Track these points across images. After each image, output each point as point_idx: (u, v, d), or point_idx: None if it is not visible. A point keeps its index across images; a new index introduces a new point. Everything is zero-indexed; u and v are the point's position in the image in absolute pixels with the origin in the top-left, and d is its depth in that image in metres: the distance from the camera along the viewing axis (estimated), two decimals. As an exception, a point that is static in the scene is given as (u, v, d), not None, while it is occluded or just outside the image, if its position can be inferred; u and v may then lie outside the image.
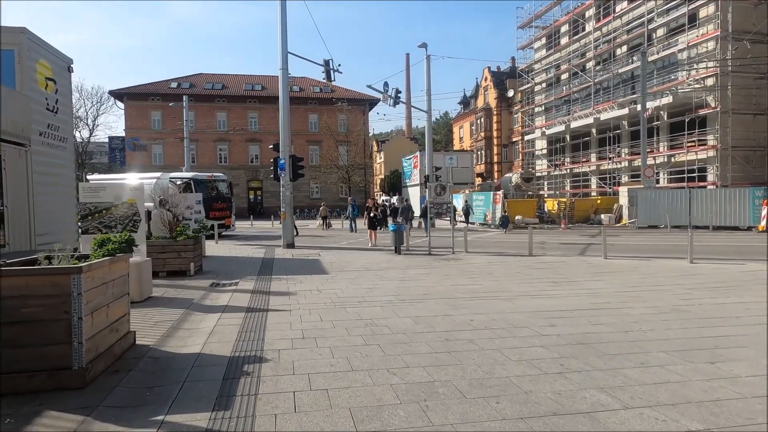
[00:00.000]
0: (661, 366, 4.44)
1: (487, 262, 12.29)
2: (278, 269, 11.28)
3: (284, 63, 16.01)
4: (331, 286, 8.85)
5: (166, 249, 9.95)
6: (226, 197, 22.68)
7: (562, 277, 9.68)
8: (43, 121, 8.33)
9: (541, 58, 43.68)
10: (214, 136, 49.55)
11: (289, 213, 16.26)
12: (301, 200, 48.82)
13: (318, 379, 4.13)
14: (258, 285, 9.06)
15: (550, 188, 42.80)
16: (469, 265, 11.70)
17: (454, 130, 68.22)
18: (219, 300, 7.71)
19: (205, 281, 9.51)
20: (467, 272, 10.55)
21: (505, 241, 18.55)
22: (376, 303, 7.37)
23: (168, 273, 9.91)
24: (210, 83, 51.52)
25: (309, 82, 53.82)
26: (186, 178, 21.55)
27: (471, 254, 13.87)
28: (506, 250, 15.02)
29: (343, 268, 11.29)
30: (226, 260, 13.27)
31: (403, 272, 10.59)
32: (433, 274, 10.25)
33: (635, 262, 11.85)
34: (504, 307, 6.99)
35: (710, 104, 27.16)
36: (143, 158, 45.47)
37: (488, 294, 8.05)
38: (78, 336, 3.84)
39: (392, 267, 11.48)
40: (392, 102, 23.50)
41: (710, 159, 27.54)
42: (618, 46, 34.06)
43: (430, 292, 8.29)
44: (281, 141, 16.11)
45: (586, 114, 36.16)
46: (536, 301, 7.41)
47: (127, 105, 48.36)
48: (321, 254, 14.36)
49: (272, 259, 13.47)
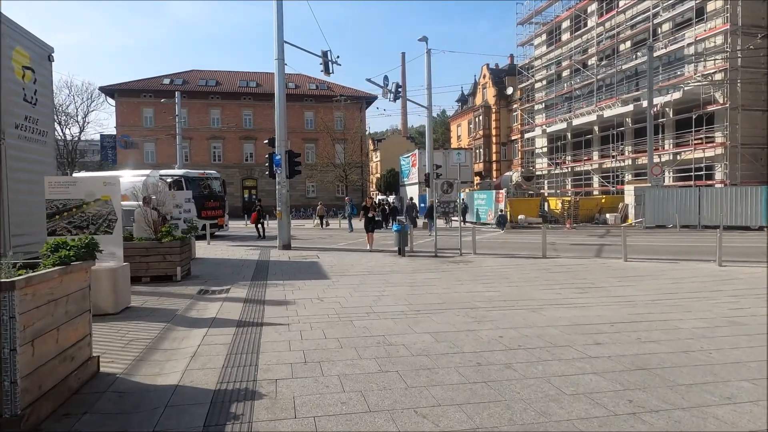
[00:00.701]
0: (754, 402, 3.56)
1: (500, 264, 11.40)
2: (274, 273, 10.34)
3: (280, 53, 15.06)
4: (333, 294, 7.92)
5: (150, 252, 9.00)
6: (219, 196, 21.70)
7: (586, 283, 8.81)
8: (20, 112, 7.38)
9: (541, 54, 42.87)
10: (208, 134, 48.44)
11: (285, 212, 15.31)
12: (297, 199, 47.82)
13: (328, 425, 3.21)
14: (251, 292, 8.13)
15: (551, 187, 42.04)
16: (481, 268, 10.81)
17: (451, 129, 67.37)
18: (207, 311, 6.77)
19: (192, 287, 8.56)
20: (481, 276, 9.66)
21: (511, 241, 17.69)
22: (387, 314, 6.46)
23: (152, 278, 8.96)
24: (204, 80, 50.40)
25: (305, 79, 52.84)
26: (177, 176, 20.55)
27: (480, 256, 12.99)
28: (516, 251, 14.15)
29: (345, 272, 10.37)
30: (217, 263, 12.31)
31: (411, 277, 9.68)
32: (444, 279, 9.35)
33: (659, 265, 11.00)
34: (534, 320, 6.10)
35: (718, 100, 26.43)
36: (135, 156, 44.28)
37: (511, 303, 7.16)
38: (10, 374, 2.91)
39: (398, 270, 10.57)
40: (392, 97, 22.60)
41: (718, 157, 26.80)
42: (621, 42, 33.29)
43: (444, 300, 7.38)
44: (277, 136, 15.17)
45: (589, 111, 35.39)
46: (567, 312, 6.52)
47: (118, 102, 47.13)
48: (319, 256, 13.43)
49: (267, 261, 12.52)
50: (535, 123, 43.80)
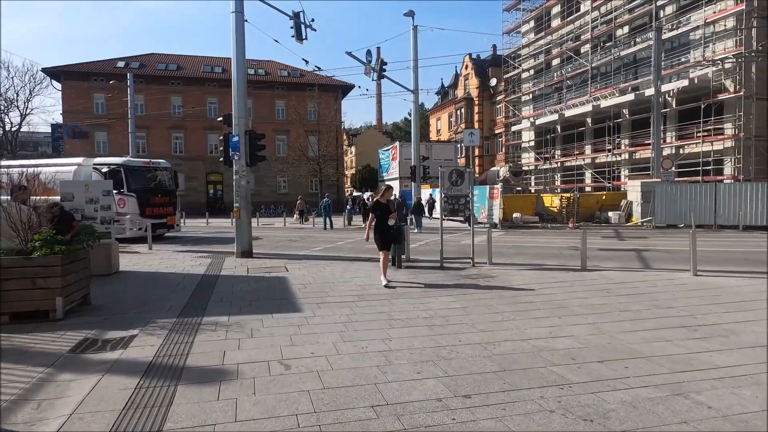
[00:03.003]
0: None
1: (534, 281, 8.42)
2: (219, 301, 7.05)
3: (238, 5, 11.68)
4: (308, 349, 4.72)
5: (13, 273, 5.61)
6: (168, 190, 18.07)
7: (687, 315, 5.89)
8: None
9: (529, 42, 40.40)
10: (168, 123, 44.06)
11: (245, 210, 11.96)
12: (267, 195, 44.14)
13: None
14: (168, 346, 4.83)
15: (539, 183, 39.68)
16: (515, 291, 7.77)
17: (431, 122, 64.47)
18: (55, 407, 3.47)
19: (75, 333, 5.22)
20: (524, 304, 6.64)
21: (520, 244, 14.81)
22: (413, 408, 3.33)
23: (13, 316, 5.58)
24: (163, 64, 45.95)
25: (276, 65, 49.05)
26: (115, 164, 16.85)
27: (500, 267, 10.00)
28: (540, 259, 11.23)
29: (325, 297, 7.18)
30: (144, 281, 8.91)
31: (424, 306, 6.57)
32: (473, 311, 6.26)
33: (748, 282, 8.22)
34: (697, 414, 3.08)
35: (728, 89, 24.30)
36: (84, 147, 39.69)
37: (615, 367, 4.13)
38: None
39: (400, 294, 7.44)
40: (375, 75, 19.43)
41: (727, 150, 24.71)
42: (619, 27, 31.00)
43: (497, 362, 4.30)
44: (234, 110, 11.81)
45: (582, 102, 33.03)
46: (729, 393, 3.54)
47: (65, 86, 42.27)
48: (289, 267, 10.18)
49: (216, 277, 9.19)
50: (522, 115, 41.35)
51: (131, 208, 16.42)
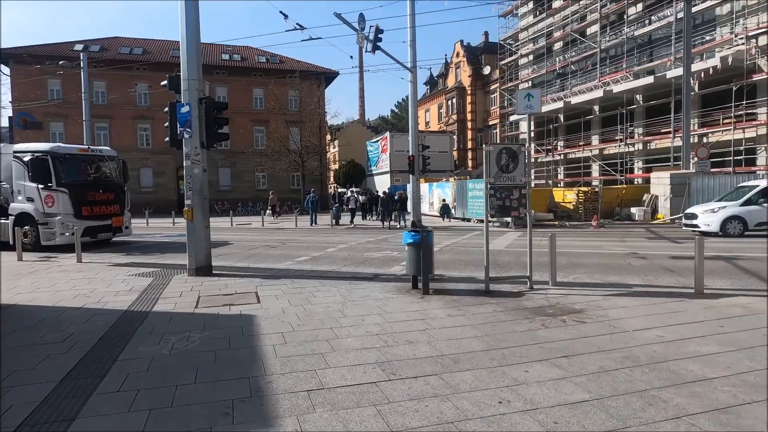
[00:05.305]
0: None
1: (656, 322, 5.27)
2: (116, 389, 3.71)
3: None
4: None
5: None
6: (114, 184, 14.45)
7: None
8: None
9: (528, 25, 37.46)
10: (134, 113, 39.87)
11: (200, 209, 8.53)
12: (244, 191, 40.42)
13: None
14: None
15: (539, 177, 36.91)
16: (643, 347, 4.61)
17: (419, 114, 61.28)
18: None
19: None
20: (689, 384, 3.48)
21: (568, 250, 11.73)
22: None
23: None
24: (127, 47, 41.68)
25: (253, 51, 45.16)
26: (40, 152, 13.21)
27: (571, 290, 6.86)
28: (619, 277, 8.12)
29: (321, 372, 3.92)
30: (19, 328, 5.50)
31: (513, 394, 3.36)
32: (609, 403, 3.08)
33: None
34: None
35: (762, 69, 21.67)
36: (38, 138, 35.32)
37: None
38: None
39: (455, 356, 4.21)
40: (369, 45, 16.11)
41: (761, 138, 22.10)
42: (631, 4, 28.21)
43: None
44: (184, 72, 8.40)
45: (590, 88, 30.20)
46: None
47: (13, 71, 37.78)
48: (262, 294, 6.86)
49: (144, 316, 5.81)
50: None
51: (62, 208, 12.81)
